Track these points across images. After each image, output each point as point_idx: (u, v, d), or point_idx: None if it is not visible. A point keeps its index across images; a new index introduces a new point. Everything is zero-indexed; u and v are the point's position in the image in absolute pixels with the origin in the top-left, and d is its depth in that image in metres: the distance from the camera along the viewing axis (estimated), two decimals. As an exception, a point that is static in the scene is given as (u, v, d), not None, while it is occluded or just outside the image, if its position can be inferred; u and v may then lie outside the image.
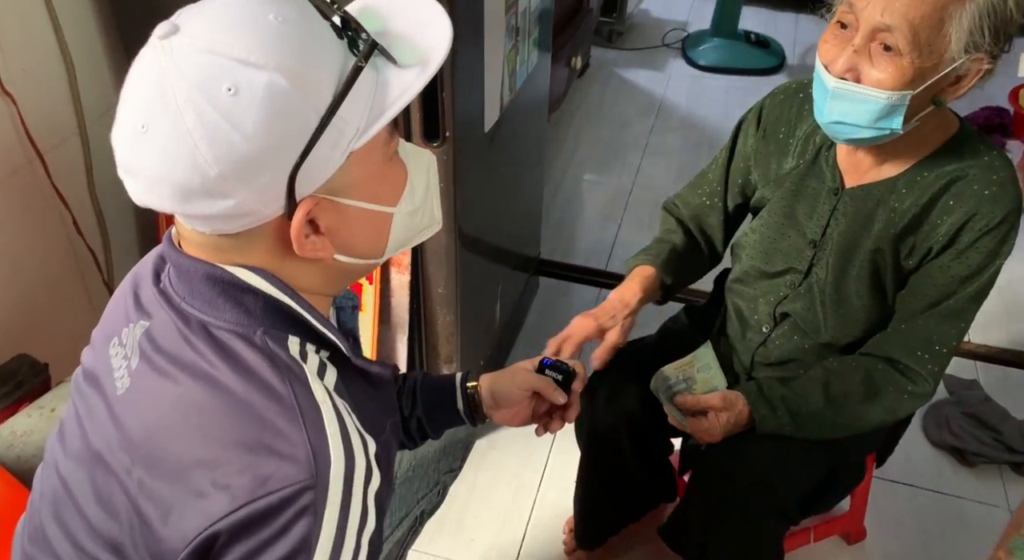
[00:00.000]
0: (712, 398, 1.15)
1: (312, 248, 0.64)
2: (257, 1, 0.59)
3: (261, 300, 0.65)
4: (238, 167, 0.57)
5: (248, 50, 0.55)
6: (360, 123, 0.60)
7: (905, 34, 0.92)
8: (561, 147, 2.93)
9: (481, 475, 1.77)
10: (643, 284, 1.25)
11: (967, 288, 1.05)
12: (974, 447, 1.78)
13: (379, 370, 0.73)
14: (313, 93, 0.57)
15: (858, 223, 1.10)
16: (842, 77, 0.97)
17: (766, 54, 3.49)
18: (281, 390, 0.62)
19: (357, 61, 0.59)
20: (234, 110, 0.55)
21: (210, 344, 0.64)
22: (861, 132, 1.00)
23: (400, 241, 0.73)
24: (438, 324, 1.58)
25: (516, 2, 1.43)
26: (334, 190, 0.63)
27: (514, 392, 1.00)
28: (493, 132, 1.49)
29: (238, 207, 0.59)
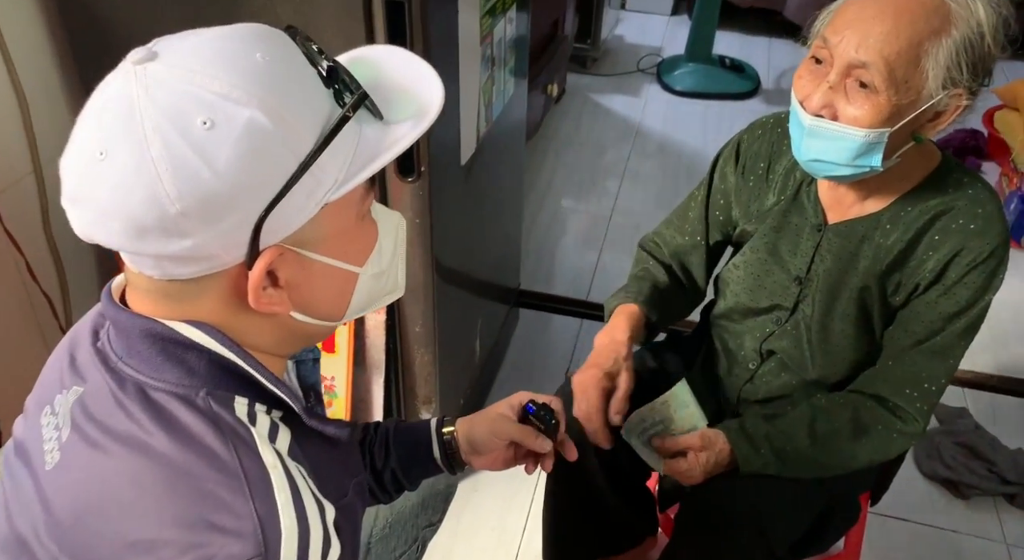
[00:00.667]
0: (690, 438, 1.11)
1: (268, 302, 0.59)
2: (244, 38, 0.56)
3: (205, 358, 0.60)
4: (203, 205, 0.52)
5: (231, 85, 0.52)
6: (339, 175, 0.57)
7: (881, 71, 0.89)
8: (538, 174, 2.90)
9: (464, 518, 1.70)
10: (630, 323, 1.19)
11: (956, 324, 1.02)
12: (967, 479, 1.74)
13: (335, 431, 0.67)
14: (294, 137, 0.54)
15: (843, 260, 1.08)
16: (818, 114, 0.95)
17: (741, 79, 3.50)
18: (225, 456, 0.57)
19: (345, 110, 0.56)
20: (207, 144, 0.51)
21: (146, 408, 0.58)
22: (840, 170, 0.98)
23: (361, 304, 0.68)
24: (415, 364, 1.52)
25: (491, 32, 1.39)
26: (301, 242, 0.58)
27: (493, 442, 0.95)
28: (470, 164, 1.44)
29: (195, 249, 0.54)
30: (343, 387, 1.50)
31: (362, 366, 1.50)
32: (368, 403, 1.55)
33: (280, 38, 0.58)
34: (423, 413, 1.59)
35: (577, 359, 2.12)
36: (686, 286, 1.30)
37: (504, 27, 1.46)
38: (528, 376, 2.06)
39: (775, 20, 3.82)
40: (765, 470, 1.09)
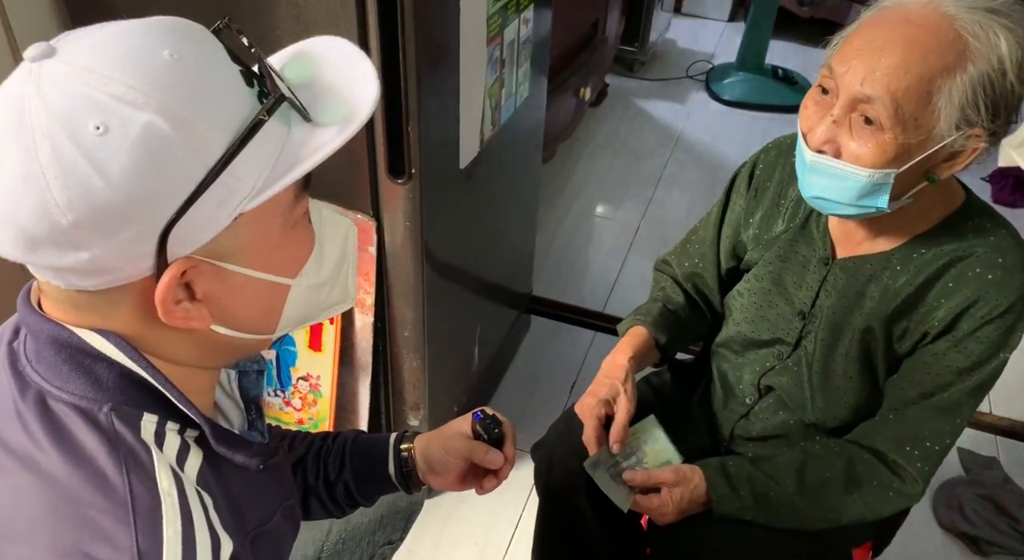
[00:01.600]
0: (663, 472, 1.05)
1: (184, 316, 0.55)
2: (155, 33, 0.51)
3: (116, 371, 0.56)
4: (96, 217, 0.48)
5: (128, 86, 0.48)
6: (256, 182, 0.52)
7: (887, 107, 0.82)
8: (568, 179, 2.83)
9: (448, 529, 1.66)
10: (635, 345, 1.15)
11: (965, 381, 0.94)
12: (988, 535, 1.62)
13: (244, 460, 0.62)
14: (200, 143, 0.50)
15: (848, 298, 1.00)
16: (820, 150, 0.88)
17: (792, 91, 3.37)
18: (115, 481, 0.53)
19: (259, 113, 0.51)
20: (100, 151, 0.47)
21: (43, 421, 0.55)
22: (843, 209, 0.91)
23: (297, 317, 0.64)
24: (404, 368, 1.48)
25: (501, 33, 1.33)
26: (218, 253, 0.54)
27: (446, 459, 0.91)
28: (471, 168, 1.39)
29: (94, 262, 0.50)
30: (328, 387, 1.47)
31: (349, 366, 1.47)
32: (355, 404, 1.52)
33: (198, 33, 0.54)
34: (411, 419, 1.56)
35: (585, 372, 2.05)
36: (704, 308, 1.24)
37: (518, 27, 1.40)
38: (532, 385, 2.01)
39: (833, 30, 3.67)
40: (741, 515, 1.02)
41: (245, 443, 0.64)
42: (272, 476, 0.71)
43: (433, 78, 1.15)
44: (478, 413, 0.93)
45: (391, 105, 1.14)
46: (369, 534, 1.07)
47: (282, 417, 1.55)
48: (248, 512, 0.66)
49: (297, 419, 1.54)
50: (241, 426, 0.72)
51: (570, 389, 2.01)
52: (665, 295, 1.24)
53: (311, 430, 1.52)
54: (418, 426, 1.56)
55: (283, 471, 0.74)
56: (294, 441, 0.93)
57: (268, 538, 0.69)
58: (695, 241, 1.23)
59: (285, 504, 0.73)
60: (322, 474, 0.92)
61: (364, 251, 1.31)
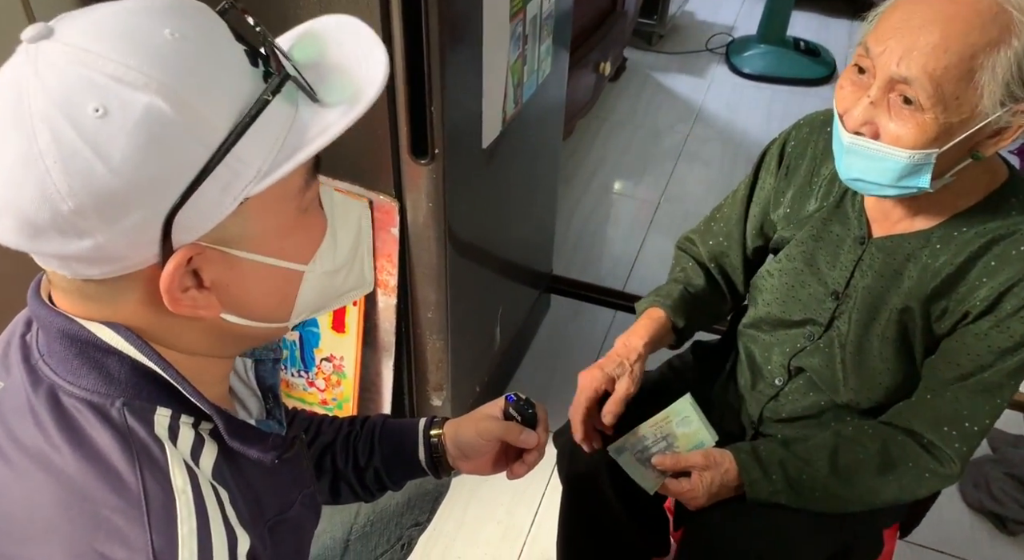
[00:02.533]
0: (693, 456, 1.04)
1: (192, 304, 0.54)
2: (155, 11, 0.49)
3: (128, 364, 0.55)
4: (99, 203, 0.47)
5: (127, 66, 0.46)
6: (263, 165, 0.51)
7: (925, 88, 0.79)
8: (587, 155, 2.80)
9: (471, 510, 1.66)
10: (650, 328, 1.14)
11: (1007, 362, 0.92)
12: (1016, 514, 1.61)
13: (259, 454, 0.61)
14: (203, 125, 0.48)
15: (885, 277, 0.98)
16: (857, 132, 0.85)
17: (815, 63, 3.30)
18: (129, 479, 0.52)
19: (263, 93, 0.49)
20: (100, 135, 0.46)
21: (55, 417, 0.54)
22: (883, 190, 0.89)
23: (313, 304, 0.63)
24: (427, 350, 1.48)
25: (524, 8, 1.30)
26: (226, 240, 0.53)
27: (479, 443, 0.90)
28: (493, 147, 1.37)
29: (98, 250, 0.49)
30: (351, 368, 1.47)
31: (372, 347, 1.47)
32: (378, 386, 1.52)
33: (198, 11, 0.52)
34: (434, 400, 1.55)
35: (606, 351, 2.03)
36: (723, 288, 1.22)
37: (540, 3, 1.37)
38: (553, 365, 2.00)
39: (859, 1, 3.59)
40: (774, 499, 1.01)
41: (260, 436, 0.62)
42: (290, 466, 0.70)
43: (457, 56, 1.13)
44: (511, 396, 0.92)
45: (414, 84, 1.12)
46: (397, 516, 1.07)
47: (306, 398, 1.55)
48: (266, 502, 0.65)
49: (321, 400, 1.54)
50: (259, 414, 0.72)
51: (591, 368, 2.00)
52: (686, 276, 1.22)
53: (335, 410, 1.53)
54: (441, 407, 1.56)
55: (301, 461, 0.74)
56: (321, 426, 0.93)
57: (288, 526, 0.68)
58: (720, 219, 1.21)
59: (305, 492, 0.72)
60: (351, 459, 0.92)
61: (387, 232, 1.30)
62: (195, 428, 0.59)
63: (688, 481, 1.03)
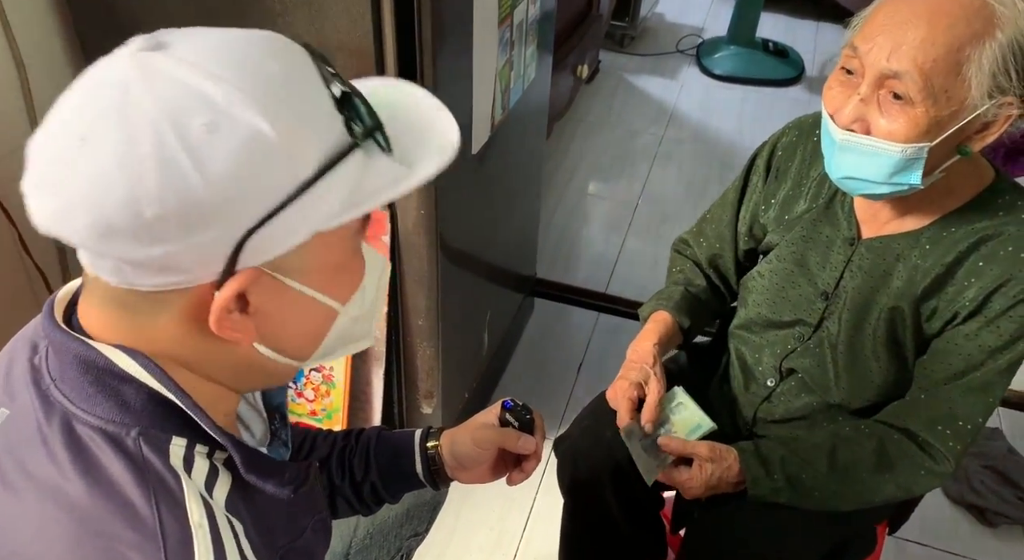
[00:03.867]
0: (700, 446, 1.05)
1: (232, 327, 0.53)
2: (261, 45, 0.51)
3: (144, 392, 0.54)
4: (184, 212, 0.47)
5: (241, 90, 0.47)
6: (335, 204, 0.51)
7: (916, 81, 0.80)
8: (564, 158, 2.80)
9: (463, 516, 1.65)
10: (659, 331, 1.15)
11: (998, 360, 0.94)
12: (996, 506, 1.65)
13: (275, 489, 0.60)
14: (298, 155, 0.49)
15: (875, 278, 1.00)
16: (849, 128, 0.86)
17: (784, 64, 3.35)
18: (144, 513, 0.51)
19: (355, 137, 0.51)
20: (204, 148, 0.46)
21: (69, 446, 0.52)
22: (876, 188, 0.89)
23: (331, 347, 0.63)
24: (418, 357, 1.46)
25: (511, 14, 1.30)
26: (284, 269, 0.53)
27: (476, 452, 0.90)
28: (483, 153, 1.36)
29: (165, 259, 0.48)
30: (341, 378, 1.45)
31: (362, 357, 1.45)
32: (368, 395, 1.50)
33: (298, 53, 0.53)
34: (424, 407, 1.54)
35: (591, 353, 2.05)
36: (721, 288, 1.24)
37: (526, 7, 1.37)
38: (539, 369, 2.00)
39: (824, 2, 3.65)
40: (775, 497, 1.02)
41: (276, 470, 0.61)
42: (303, 495, 0.68)
43: (448, 63, 1.12)
44: (507, 402, 0.92)
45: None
46: (396, 528, 1.06)
47: (294, 409, 1.53)
48: (279, 531, 0.64)
49: (310, 410, 1.52)
50: (263, 435, 0.71)
51: (577, 371, 2.00)
52: (685, 278, 1.23)
53: (324, 421, 1.51)
54: (431, 414, 1.55)
55: (314, 487, 0.73)
56: (316, 441, 0.92)
57: (299, 553, 0.68)
58: (711, 221, 1.22)
59: (316, 518, 0.71)
60: (348, 475, 0.91)
61: (378, 241, 1.28)
62: (209, 458, 0.57)
63: (688, 470, 1.04)
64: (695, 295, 1.20)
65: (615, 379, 1.11)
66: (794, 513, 1.03)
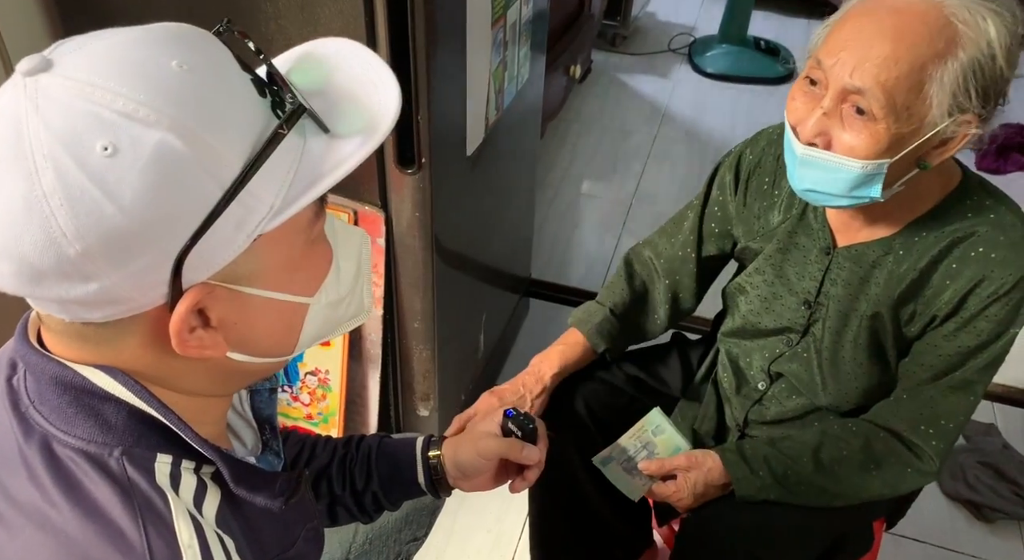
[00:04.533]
0: (676, 459, 1.06)
1: (199, 345, 0.51)
2: (160, 42, 0.47)
3: (124, 411, 0.52)
4: (108, 245, 0.44)
5: (138, 102, 0.43)
6: (275, 201, 0.48)
7: (878, 98, 0.80)
8: (557, 158, 2.80)
9: (460, 519, 1.65)
10: (565, 354, 1.17)
11: (976, 359, 0.95)
12: (992, 501, 1.65)
13: (265, 501, 0.59)
14: (217, 161, 0.46)
15: (854, 285, 1.00)
16: (811, 143, 0.86)
17: (775, 62, 3.36)
18: (132, 536, 0.49)
19: (278, 127, 0.47)
20: (109, 174, 0.43)
21: (51, 470, 0.51)
22: (836, 201, 0.90)
23: (315, 335, 0.61)
24: (414, 360, 1.46)
25: (504, 15, 1.30)
26: (236, 277, 0.50)
27: (480, 462, 0.89)
28: (477, 155, 1.36)
29: (104, 293, 0.46)
30: (337, 381, 1.44)
31: (358, 360, 1.44)
32: (364, 398, 1.50)
33: (204, 40, 0.49)
34: (420, 410, 1.54)
35: (587, 354, 2.05)
36: (660, 312, 1.22)
37: (519, 8, 1.37)
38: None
39: (815, 0, 3.66)
40: (763, 495, 1.03)
41: (265, 481, 0.60)
42: (294, 504, 0.67)
43: (442, 65, 1.12)
44: (509, 411, 0.91)
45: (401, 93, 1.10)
46: (395, 533, 1.06)
47: (290, 412, 1.52)
48: (269, 543, 0.63)
49: (306, 414, 1.51)
50: (255, 446, 0.70)
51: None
52: (612, 295, 1.22)
53: (320, 424, 1.50)
54: (427, 417, 1.55)
55: (304, 497, 0.71)
56: (315, 448, 0.91)
57: None
58: (675, 230, 1.20)
59: (308, 527, 0.70)
60: (348, 484, 0.90)
61: (373, 243, 1.28)
62: (196, 473, 0.56)
63: (673, 483, 1.05)
64: (619, 317, 1.20)
65: (490, 391, 1.13)
66: (791, 510, 1.03)
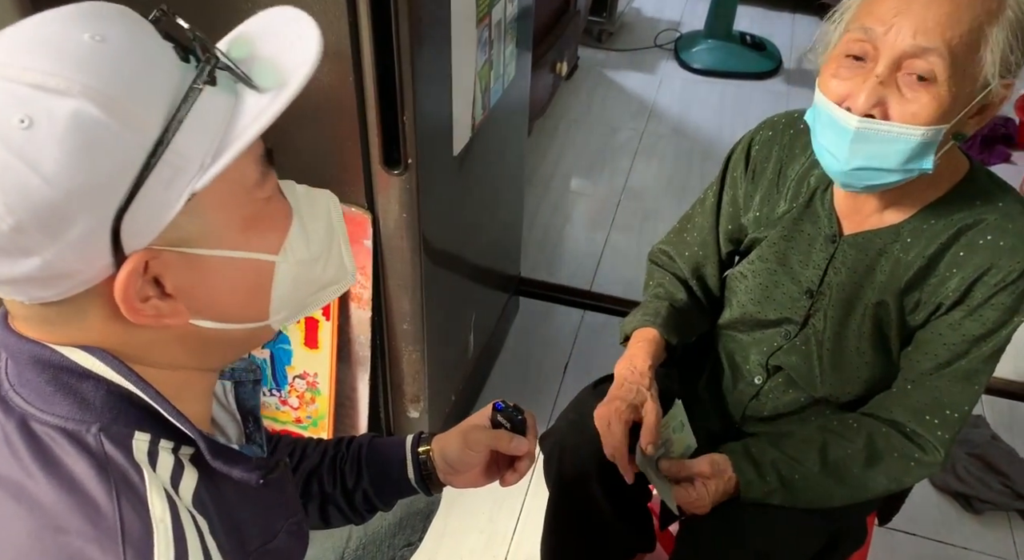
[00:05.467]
0: (699, 464, 1.04)
1: (155, 314, 0.52)
2: (72, 18, 0.48)
3: (103, 388, 0.53)
4: (39, 217, 0.45)
5: (47, 73, 0.44)
6: (205, 158, 0.49)
7: (944, 57, 0.79)
8: (545, 155, 2.79)
9: (452, 519, 1.64)
10: (649, 350, 1.11)
11: (982, 348, 0.95)
12: (981, 493, 1.66)
13: (242, 474, 0.59)
14: (137, 123, 0.46)
15: (858, 273, 1.00)
16: (867, 115, 0.83)
17: (762, 57, 3.36)
18: (105, 509, 0.50)
19: (193, 82, 0.48)
20: (28, 146, 0.44)
21: (29, 445, 0.52)
22: (888, 176, 0.87)
23: (293, 300, 0.60)
24: (403, 361, 1.45)
25: (489, 13, 1.29)
26: (183, 239, 0.51)
27: (469, 455, 0.88)
28: (464, 154, 1.35)
29: (48, 267, 0.47)
30: (326, 384, 1.43)
31: (347, 362, 1.43)
32: (353, 401, 1.49)
33: (121, 14, 0.50)
34: (411, 412, 1.53)
35: (577, 352, 2.05)
36: (704, 301, 1.21)
37: (504, 7, 1.36)
38: (525, 368, 1.99)
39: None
40: (768, 499, 1.02)
41: (243, 457, 0.60)
42: (274, 493, 0.68)
43: (427, 65, 1.11)
44: (499, 403, 0.91)
45: (385, 94, 1.09)
46: (389, 537, 1.05)
47: (279, 416, 1.51)
48: (249, 531, 0.63)
49: (295, 418, 1.50)
50: (239, 439, 0.69)
51: (563, 370, 1.99)
52: (667, 292, 1.20)
53: (310, 428, 1.49)
54: (418, 418, 1.54)
55: (286, 487, 0.72)
56: (306, 449, 0.90)
57: (273, 556, 0.66)
58: (692, 229, 1.20)
59: (290, 521, 0.70)
60: (339, 483, 0.89)
61: (359, 244, 1.27)
62: (175, 453, 0.56)
63: (695, 490, 1.03)
64: (680, 310, 1.17)
65: (606, 399, 1.07)
66: (788, 510, 1.03)
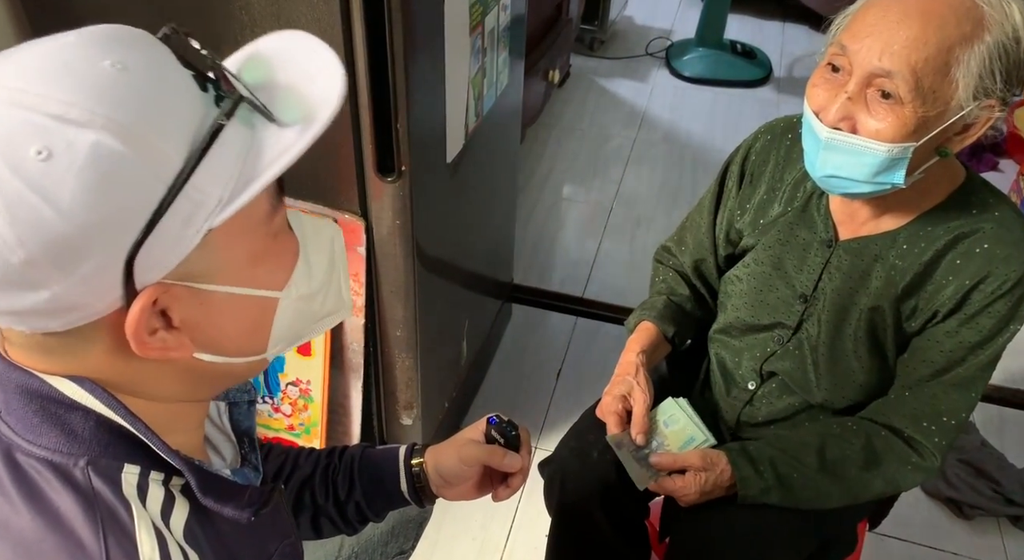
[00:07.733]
0: (691, 456, 1.05)
1: (162, 347, 0.50)
2: (92, 44, 0.46)
3: (92, 420, 0.52)
4: (52, 251, 0.44)
5: (67, 103, 0.43)
6: (223, 194, 0.48)
7: (907, 80, 0.81)
8: (538, 163, 2.80)
9: (444, 528, 1.64)
10: (642, 341, 1.14)
11: (979, 356, 0.95)
12: (971, 499, 1.67)
13: (234, 513, 0.57)
14: (157, 157, 0.45)
15: (853, 279, 1.00)
16: (835, 127, 0.86)
17: (752, 65, 3.38)
18: (91, 546, 0.49)
19: (217, 118, 0.47)
20: (45, 179, 0.42)
21: (13, 478, 0.50)
22: (858, 187, 0.90)
23: (291, 333, 0.60)
24: (396, 368, 1.45)
25: (482, 21, 1.29)
26: (193, 274, 0.50)
27: (462, 469, 0.88)
28: (457, 161, 1.35)
29: (56, 301, 0.46)
30: (319, 392, 1.43)
31: (340, 369, 1.43)
32: (346, 408, 1.49)
33: (141, 39, 0.49)
34: (403, 419, 1.53)
35: (570, 359, 2.05)
36: (705, 294, 1.23)
37: (497, 15, 1.37)
38: (518, 375, 1.99)
39: (790, 4, 3.70)
40: (764, 497, 1.02)
41: (235, 492, 0.59)
42: (268, 519, 0.67)
43: (420, 72, 1.11)
44: (492, 417, 0.90)
45: (379, 102, 1.10)
46: (381, 546, 1.05)
47: (271, 424, 1.50)
48: (243, 558, 0.62)
49: (287, 425, 1.49)
50: (234, 460, 0.69)
51: (556, 377, 2.00)
52: (668, 287, 1.22)
53: (302, 435, 1.49)
54: (411, 425, 1.54)
55: (280, 511, 0.70)
56: (298, 459, 0.90)
57: None
58: (691, 229, 1.22)
59: (284, 543, 0.69)
60: (331, 494, 0.89)
61: (353, 251, 1.27)
62: (165, 485, 0.55)
63: (681, 478, 1.04)
64: (678, 303, 1.20)
65: (602, 396, 1.10)
66: (780, 515, 1.03)
